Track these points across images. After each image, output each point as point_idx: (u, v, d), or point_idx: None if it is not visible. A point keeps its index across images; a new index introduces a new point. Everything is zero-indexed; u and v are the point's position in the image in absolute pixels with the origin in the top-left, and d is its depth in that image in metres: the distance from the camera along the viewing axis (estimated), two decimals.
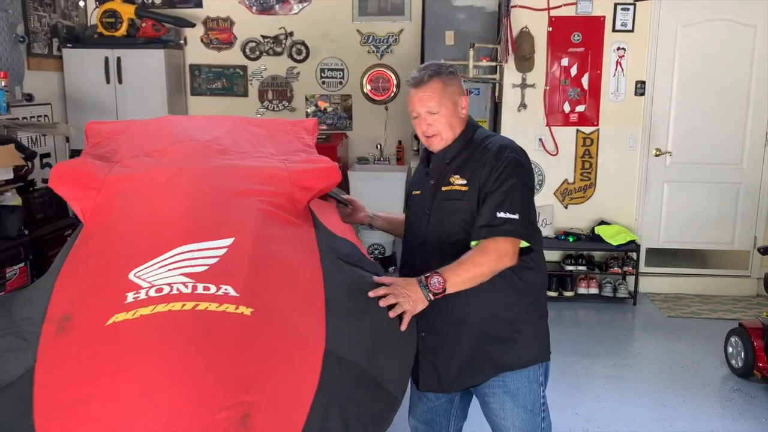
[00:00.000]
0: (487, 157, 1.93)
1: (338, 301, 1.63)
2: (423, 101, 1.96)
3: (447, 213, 1.96)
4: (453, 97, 1.99)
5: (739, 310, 4.90)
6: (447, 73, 1.99)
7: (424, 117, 1.98)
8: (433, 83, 1.95)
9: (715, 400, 3.57)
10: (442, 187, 1.98)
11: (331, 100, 6.23)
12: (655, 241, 5.36)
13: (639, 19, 5.01)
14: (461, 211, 1.93)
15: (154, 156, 1.92)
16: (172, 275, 1.48)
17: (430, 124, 1.97)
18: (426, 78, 1.96)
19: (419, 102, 1.97)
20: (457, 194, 1.94)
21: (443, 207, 1.97)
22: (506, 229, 1.85)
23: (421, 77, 1.96)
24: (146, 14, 5.85)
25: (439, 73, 1.97)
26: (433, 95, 1.95)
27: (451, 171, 1.98)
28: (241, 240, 1.61)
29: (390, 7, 6.07)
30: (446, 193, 1.96)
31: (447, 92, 1.97)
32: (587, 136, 5.20)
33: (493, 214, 1.86)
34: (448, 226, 1.96)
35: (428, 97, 1.95)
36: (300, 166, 1.97)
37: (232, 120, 2.24)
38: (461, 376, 2.02)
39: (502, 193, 1.87)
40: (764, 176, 5.16)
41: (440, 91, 1.96)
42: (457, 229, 1.94)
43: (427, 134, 1.99)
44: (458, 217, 1.93)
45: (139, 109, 5.68)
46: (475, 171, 1.93)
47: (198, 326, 1.36)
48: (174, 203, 1.70)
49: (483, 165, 1.92)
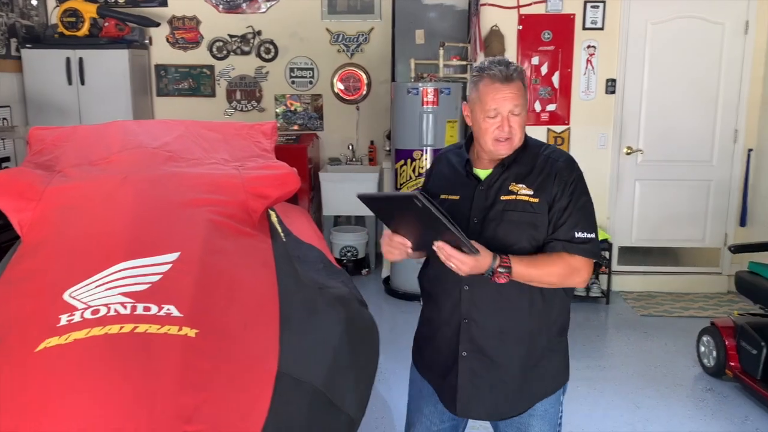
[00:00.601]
0: (557, 169, 1.82)
1: (294, 317, 1.55)
2: (509, 100, 1.77)
3: (512, 225, 1.80)
4: (527, 100, 1.86)
5: (711, 308, 4.90)
6: (525, 75, 1.86)
7: (505, 117, 1.78)
8: (519, 82, 1.79)
9: (688, 401, 3.55)
10: (501, 196, 1.82)
11: (302, 99, 6.13)
12: (627, 240, 5.35)
13: (609, 17, 4.99)
14: (530, 224, 1.80)
15: (98, 164, 1.81)
16: (110, 295, 1.38)
17: (511, 126, 1.79)
18: (515, 75, 1.78)
19: (504, 100, 1.77)
20: (526, 206, 1.80)
21: (506, 218, 1.81)
22: (586, 248, 1.78)
23: (510, 73, 1.77)
24: (109, 13, 5.69)
25: (522, 72, 1.82)
26: (520, 93, 1.79)
27: (510, 179, 1.83)
28: (188, 254, 1.51)
29: (360, 5, 5.97)
30: (509, 203, 1.81)
31: (526, 95, 1.83)
32: (558, 135, 5.16)
33: (571, 233, 1.78)
34: (513, 239, 1.80)
35: (515, 96, 1.77)
36: (255, 173, 1.87)
37: (185, 124, 2.13)
38: (507, 403, 1.90)
39: (578, 211, 1.79)
40: (734, 173, 5.17)
41: (524, 92, 1.81)
42: (524, 243, 1.80)
43: (502, 137, 1.80)
44: (526, 232, 1.80)
45: (103, 110, 5.52)
46: (544, 183, 1.81)
47: (136, 351, 1.27)
48: (115, 216, 1.60)
49: (553, 177, 1.81)
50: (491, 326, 1.84)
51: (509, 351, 1.86)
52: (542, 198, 1.79)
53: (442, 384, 1.93)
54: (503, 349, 1.86)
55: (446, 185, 1.94)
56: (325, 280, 2.15)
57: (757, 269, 3.69)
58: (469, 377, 1.87)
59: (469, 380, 1.87)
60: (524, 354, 1.87)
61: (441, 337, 1.91)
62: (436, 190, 1.96)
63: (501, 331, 1.84)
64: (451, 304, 1.87)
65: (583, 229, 1.78)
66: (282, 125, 6.11)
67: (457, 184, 1.91)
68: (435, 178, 2.01)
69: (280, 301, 1.56)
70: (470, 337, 1.84)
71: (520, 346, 1.86)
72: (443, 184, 1.96)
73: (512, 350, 1.86)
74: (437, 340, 1.93)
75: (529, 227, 1.80)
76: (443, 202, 1.91)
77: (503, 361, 1.86)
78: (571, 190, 1.80)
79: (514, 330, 1.85)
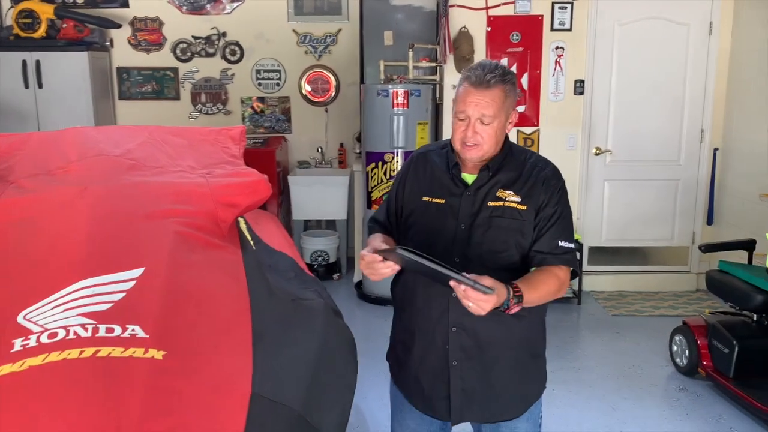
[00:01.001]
0: (544, 177, 1.80)
1: (268, 333, 1.47)
2: (479, 106, 1.71)
3: (500, 232, 1.77)
4: (509, 110, 1.77)
5: (681, 306, 4.94)
6: (511, 81, 1.76)
7: (472, 123, 1.73)
8: (497, 89, 1.71)
9: (662, 401, 3.56)
10: (489, 202, 1.79)
11: (269, 102, 6.02)
12: (597, 240, 5.37)
13: (577, 18, 5.00)
14: (518, 231, 1.77)
15: (55, 174, 1.70)
16: (69, 316, 1.28)
17: (477, 133, 1.73)
18: (492, 82, 1.71)
19: (474, 105, 1.71)
20: (514, 212, 1.77)
21: (494, 224, 1.77)
22: (567, 258, 1.79)
23: (485, 78, 1.71)
24: (67, 14, 5.50)
25: (505, 80, 1.74)
26: (493, 103, 1.71)
27: (498, 185, 1.80)
28: (153, 270, 1.42)
29: (327, 6, 5.89)
30: (497, 209, 1.78)
31: (506, 104, 1.74)
32: (528, 136, 5.16)
33: (554, 243, 1.78)
34: (501, 246, 1.77)
35: (487, 103, 1.71)
36: (223, 181, 1.78)
37: (149, 130, 2.03)
38: (499, 409, 1.89)
39: (561, 222, 1.79)
40: (701, 172, 5.23)
41: (500, 101, 1.72)
42: (512, 251, 1.78)
43: (467, 143, 1.75)
44: (514, 238, 1.77)
45: (62, 115, 5.36)
46: (531, 190, 1.78)
47: (99, 377, 1.18)
48: (74, 230, 1.49)
49: (540, 185, 1.78)
50: (482, 333, 1.80)
51: (501, 357, 1.84)
52: (530, 205, 1.77)
53: (431, 394, 1.89)
54: (495, 356, 1.84)
55: (430, 187, 1.88)
56: (298, 290, 2.07)
57: (727, 268, 3.72)
58: (461, 385, 1.84)
59: (462, 388, 1.85)
60: (515, 359, 1.86)
61: (427, 347, 1.87)
62: (417, 190, 1.90)
63: (492, 338, 1.81)
64: (438, 312, 1.82)
65: (564, 238, 1.80)
66: (249, 128, 5.99)
67: (443, 187, 1.85)
68: (414, 177, 1.93)
69: (253, 317, 1.48)
70: (461, 345, 1.81)
71: (511, 352, 1.85)
72: (426, 185, 1.89)
73: (504, 356, 1.85)
74: (423, 350, 1.88)
75: (517, 234, 1.77)
76: (427, 205, 1.86)
77: (495, 367, 1.84)
78: (557, 199, 1.79)
79: (505, 336, 1.83)
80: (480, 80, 1.71)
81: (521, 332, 1.84)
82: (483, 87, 1.70)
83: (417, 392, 1.93)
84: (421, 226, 1.85)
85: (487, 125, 1.73)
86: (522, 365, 1.88)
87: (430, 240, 1.82)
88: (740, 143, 4.92)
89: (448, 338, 1.81)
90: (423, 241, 1.81)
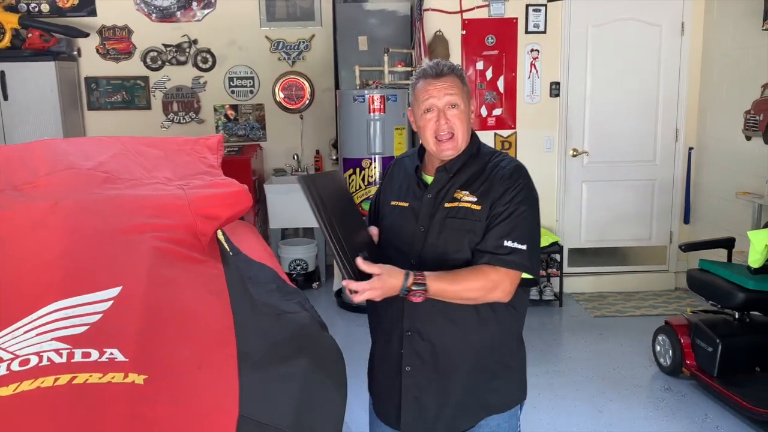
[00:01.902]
0: (502, 176, 1.74)
1: (254, 351, 1.40)
2: (443, 90, 1.73)
3: (453, 233, 1.73)
4: (469, 97, 1.79)
5: (661, 306, 4.96)
6: (461, 72, 1.79)
7: (442, 110, 1.73)
8: (453, 76, 1.75)
9: (648, 402, 3.55)
10: (446, 203, 1.76)
11: (242, 110, 5.93)
12: (576, 241, 5.38)
13: (551, 20, 5.01)
14: (471, 232, 1.72)
15: (23, 189, 1.61)
16: (42, 341, 1.20)
17: (448, 120, 1.73)
18: (446, 69, 1.75)
19: (438, 91, 1.73)
20: (468, 212, 1.73)
21: (447, 225, 1.74)
22: (510, 260, 1.68)
23: (439, 68, 1.75)
24: (32, 24, 5.36)
25: (455, 69, 1.77)
26: (453, 85, 1.74)
27: (456, 186, 1.77)
28: (131, 288, 1.34)
29: (299, 12, 5.83)
30: (452, 210, 1.74)
31: (464, 90, 1.77)
32: (505, 139, 5.15)
33: (499, 242, 1.69)
34: (454, 246, 1.73)
35: (448, 86, 1.73)
36: (202, 192, 1.71)
37: (122, 141, 1.94)
38: (453, 419, 1.80)
39: (511, 220, 1.70)
40: (676, 172, 5.26)
41: (459, 86, 1.76)
42: (465, 252, 1.72)
43: (442, 133, 1.74)
44: (467, 238, 1.72)
45: (29, 127, 5.23)
46: (489, 189, 1.74)
47: (76, 406, 1.10)
48: (45, 248, 1.40)
49: (497, 184, 1.74)
50: (437, 339, 1.75)
51: (456, 365, 1.77)
52: (484, 205, 1.73)
53: (386, 400, 1.85)
54: (450, 364, 1.77)
55: (398, 191, 1.89)
56: (282, 303, 2.01)
57: (708, 267, 3.73)
58: (414, 393, 1.79)
59: (414, 396, 1.79)
60: (472, 368, 1.78)
61: (384, 351, 1.84)
62: (389, 195, 1.91)
63: (447, 345, 1.76)
64: (393, 315, 1.79)
65: (513, 238, 1.69)
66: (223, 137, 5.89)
67: (409, 191, 1.85)
68: (389, 183, 1.96)
69: (237, 335, 1.41)
70: (414, 350, 1.76)
71: (468, 360, 1.77)
72: (395, 191, 1.90)
73: (460, 364, 1.77)
74: (381, 353, 1.86)
75: (470, 234, 1.72)
76: (394, 209, 1.86)
77: (450, 375, 1.77)
78: (511, 197, 1.72)
79: (462, 343, 1.76)
80: (435, 71, 1.75)
81: (482, 341, 1.76)
82: (440, 75, 1.75)
83: (376, 398, 1.91)
84: (388, 230, 1.85)
85: (456, 108, 1.75)
86: (483, 376, 1.79)
87: (393, 243, 1.82)
88: (714, 142, 4.97)
89: (403, 342, 1.77)
90: (388, 245, 1.83)
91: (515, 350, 1.86)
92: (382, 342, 1.86)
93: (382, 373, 1.87)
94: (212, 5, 5.74)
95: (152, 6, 5.70)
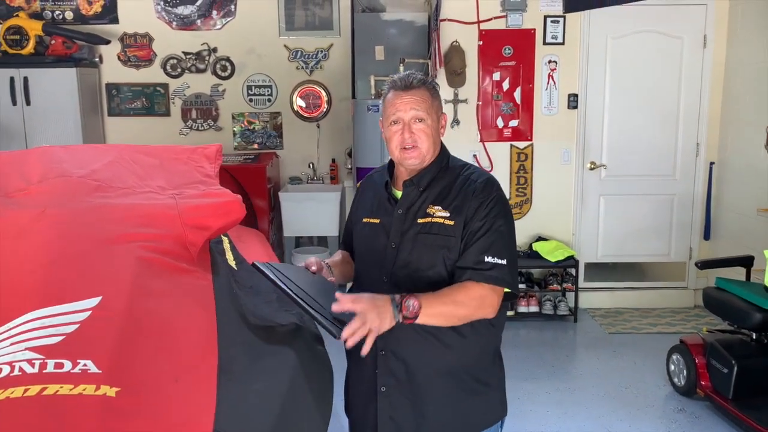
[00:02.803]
0: (474, 190, 1.73)
1: (235, 365, 1.38)
2: (410, 105, 1.72)
3: (426, 249, 1.71)
4: (438, 111, 1.78)
5: (679, 323, 4.85)
6: (433, 86, 1.79)
7: (407, 124, 1.73)
8: (422, 89, 1.74)
9: (660, 423, 3.45)
10: (418, 219, 1.73)
11: (260, 118, 5.96)
12: (593, 256, 5.29)
13: (569, 32, 4.95)
14: (445, 247, 1.70)
15: (15, 196, 1.61)
16: (16, 351, 1.19)
17: (413, 133, 1.72)
18: (415, 82, 1.74)
19: (405, 105, 1.72)
20: (441, 228, 1.70)
21: (420, 241, 1.71)
22: (493, 275, 1.66)
23: (409, 80, 1.74)
24: (55, 31, 5.45)
25: (426, 82, 1.77)
26: (422, 101, 1.73)
27: (428, 201, 1.75)
28: (110, 299, 1.33)
29: (318, 21, 5.85)
30: (425, 225, 1.72)
31: (434, 104, 1.76)
32: (521, 151, 5.09)
33: (479, 258, 1.67)
34: (427, 263, 1.70)
35: (416, 101, 1.72)
36: (193, 202, 1.69)
37: (118, 149, 1.94)
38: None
39: (490, 236, 1.69)
40: (697, 187, 5.15)
41: (428, 100, 1.74)
42: (439, 268, 1.70)
43: (406, 145, 1.73)
44: (441, 254, 1.70)
45: (50, 132, 5.30)
46: (462, 204, 1.72)
47: (44, 418, 1.09)
48: (28, 257, 1.40)
49: (470, 198, 1.71)
50: (411, 359, 1.71)
51: (432, 384, 1.73)
52: (457, 220, 1.70)
53: (362, 421, 1.81)
54: (425, 383, 1.73)
55: (369, 209, 1.88)
56: (278, 315, 1.98)
57: (724, 285, 3.63)
58: (389, 413, 1.75)
59: (389, 417, 1.75)
60: (449, 388, 1.74)
61: (360, 370, 1.80)
62: (360, 213, 1.90)
63: (422, 363, 1.72)
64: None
65: (493, 254, 1.67)
66: (240, 144, 5.94)
67: (380, 208, 1.84)
68: (360, 200, 1.95)
69: (220, 348, 1.39)
70: (389, 370, 1.73)
71: (444, 379, 1.73)
72: (367, 208, 1.89)
73: (436, 383, 1.74)
74: (357, 374, 1.83)
75: (443, 250, 1.70)
76: (365, 226, 1.85)
77: (426, 396, 1.73)
78: (486, 212, 1.70)
79: (437, 362, 1.72)
80: (404, 83, 1.74)
81: (458, 359, 1.73)
82: (409, 88, 1.73)
83: (353, 420, 1.88)
84: (360, 247, 1.84)
85: (422, 123, 1.73)
86: (460, 394, 1.74)
87: (365, 260, 1.82)
88: (737, 157, 4.85)
89: (377, 362, 1.73)
90: (360, 263, 1.84)
91: (493, 366, 1.82)
92: (356, 362, 1.82)
93: (357, 395, 1.84)
94: (232, 14, 5.79)
95: (173, 14, 5.77)
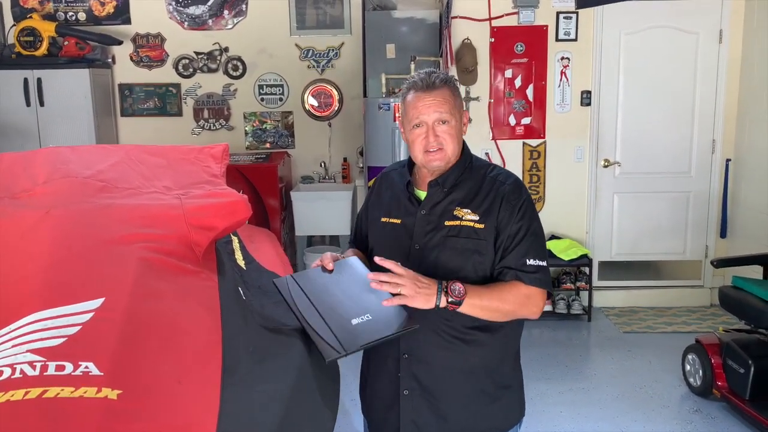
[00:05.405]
0: (504, 193, 1.69)
1: (240, 367, 1.37)
2: (433, 107, 1.67)
3: (455, 253, 1.67)
4: (460, 109, 1.74)
5: (694, 322, 4.78)
6: (454, 83, 1.74)
7: (431, 127, 1.68)
8: (445, 89, 1.69)
9: (675, 424, 3.41)
10: (446, 222, 1.69)
11: (272, 117, 5.96)
12: (607, 254, 5.23)
13: (582, 28, 4.90)
14: (476, 252, 1.66)
15: (20, 198, 1.61)
16: (17, 353, 1.18)
17: (438, 136, 1.68)
18: (437, 82, 1.69)
19: (428, 108, 1.67)
20: (470, 231, 1.67)
21: (449, 245, 1.68)
22: (538, 278, 1.65)
23: (431, 80, 1.69)
24: (68, 32, 5.48)
25: (448, 80, 1.72)
26: (445, 101, 1.68)
27: (455, 202, 1.71)
28: (113, 300, 1.32)
29: (329, 20, 5.83)
30: (453, 228, 1.68)
31: (456, 103, 1.72)
32: (534, 149, 5.05)
33: (521, 261, 1.66)
34: (456, 266, 1.67)
35: (440, 102, 1.67)
36: (198, 202, 1.68)
37: (125, 150, 1.94)
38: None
39: (528, 238, 1.67)
40: (713, 184, 5.08)
41: (451, 99, 1.70)
42: (469, 271, 1.67)
43: (431, 148, 1.69)
44: (471, 258, 1.67)
45: (64, 132, 5.33)
46: (491, 207, 1.68)
47: (44, 421, 1.08)
48: (31, 258, 1.40)
49: (500, 201, 1.68)
50: (435, 362, 1.69)
51: (455, 388, 1.71)
52: (488, 224, 1.67)
53: (383, 426, 1.79)
54: (449, 388, 1.71)
55: (388, 207, 1.82)
56: (285, 316, 1.97)
57: (741, 284, 3.57)
58: (412, 417, 1.72)
59: (412, 420, 1.72)
60: (472, 391, 1.72)
61: (381, 374, 1.77)
62: (378, 212, 1.85)
63: (445, 367, 1.69)
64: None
65: (534, 256, 1.66)
66: (252, 144, 5.95)
67: (400, 207, 1.79)
68: (377, 199, 1.89)
69: (224, 350, 1.38)
70: (412, 373, 1.70)
71: (467, 383, 1.71)
72: (385, 206, 1.84)
73: (459, 388, 1.71)
74: (377, 376, 1.80)
75: (474, 254, 1.66)
76: (385, 226, 1.80)
77: (449, 400, 1.71)
78: (521, 215, 1.67)
79: (461, 366, 1.70)
80: (426, 83, 1.69)
81: (480, 361, 1.71)
82: (431, 89, 1.69)
83: (373, 423, 1.85)
84: (378, 247, 1.79)
85: (446, 124, 1.69)
86: (483, 398, 1.72)
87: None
88: (753, 154, 4.77)
89: (400, 365, 1.71)
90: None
91: (513, 369, 1.80)
92: (377, 368, 1.80)
93: (377, 397, 1.81)
94: (243, 13, 5.79)
95: (184, 14, 5.78)
